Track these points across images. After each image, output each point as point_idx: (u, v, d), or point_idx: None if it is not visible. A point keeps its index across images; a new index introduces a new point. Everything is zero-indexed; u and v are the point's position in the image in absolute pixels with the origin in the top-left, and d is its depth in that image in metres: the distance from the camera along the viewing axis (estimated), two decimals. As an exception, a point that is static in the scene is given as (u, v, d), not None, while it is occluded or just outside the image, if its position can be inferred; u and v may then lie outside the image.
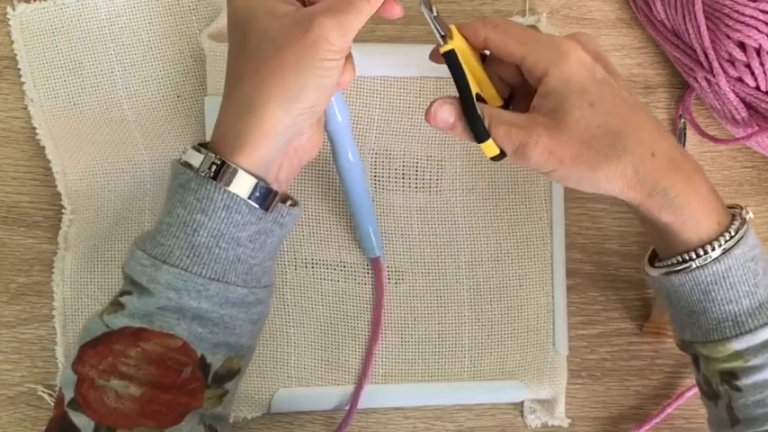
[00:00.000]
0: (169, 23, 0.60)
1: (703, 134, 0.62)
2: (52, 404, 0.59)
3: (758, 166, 0.64)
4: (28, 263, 0.60)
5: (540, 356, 0.60)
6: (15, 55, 0.60)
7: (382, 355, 0.60)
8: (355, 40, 0.45)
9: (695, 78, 0.60)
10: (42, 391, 0.60)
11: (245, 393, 0.58)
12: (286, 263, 0.59)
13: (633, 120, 0.46)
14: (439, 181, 0.61)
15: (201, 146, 0.45)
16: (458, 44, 0.46)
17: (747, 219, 0.47)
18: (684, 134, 0.62)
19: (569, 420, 0.61)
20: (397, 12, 0.45)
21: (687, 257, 0.46)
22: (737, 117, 0.59)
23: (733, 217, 0.47)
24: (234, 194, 0.43)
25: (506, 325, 0.60)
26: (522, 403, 0.62)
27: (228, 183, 0.43)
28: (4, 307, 0.60)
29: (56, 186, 0.60)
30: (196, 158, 0.44)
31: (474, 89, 0.46)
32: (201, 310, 0.43)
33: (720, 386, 0.47)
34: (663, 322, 0.60)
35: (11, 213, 0.61)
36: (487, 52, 0.49)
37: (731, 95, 0.58)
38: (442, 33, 0.46)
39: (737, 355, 0.46)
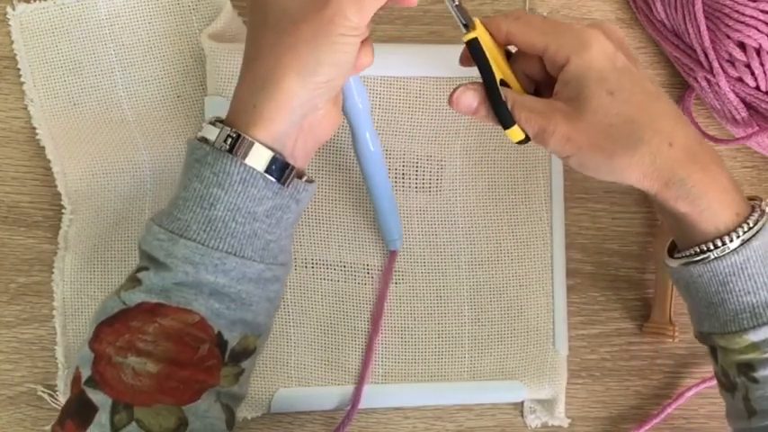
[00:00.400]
0: (169, 23, 0.60)
1: (703, 134, 0.62)
2: (52, 404, 0.59)
3: (758, 166, 0.64)
4: (28, 263, 0.61)
5: (540, 356, 0.60)
6: (15, 55, 0.60)
7: (382, 355, 0.60)
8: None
9: (695, 78, 0.60)
10: (42, 391, 0.60)
11: (245, 393, 0.58)
12: (286, 263, 0.59)
13: (652, 109, 0.46)
14: (439, 181, 0.61)
15: (218, 121, 0.45)
16: (481, 36, 0.47)
17: (767, 210, 0.47)
18: (684, 134, 0.62)
19: (569, 420, 0.61)
20: (412, 1, 0.45)
21: (705, 248, 0.46)
22: (737, 117, 0.59)
23: (752, 208, 0.47)
24: (250, 168, 0.43)
25: (506, 325, 0.60)
26: (522, 403, 0.62)
27: (245, 156, 0.43)
28: (4, 307, 0.60)
29: (56, 186, 0.60)
30: (212, 132, 0.44)
31: (498, 76, 0.47)
32: (218, 284, 0.43)
33: (737, 378, 0.47)
34: (663, 322, 0.60)
35: (11, 213, 0.61)
36: (513, 50, 0.49)
37: (731, 95, 0.58)
38: (464, 22, 0.47)
39: (754, 346, 0.46)
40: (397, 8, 0.62)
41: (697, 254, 0.46)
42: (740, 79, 0.57)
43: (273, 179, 0.44)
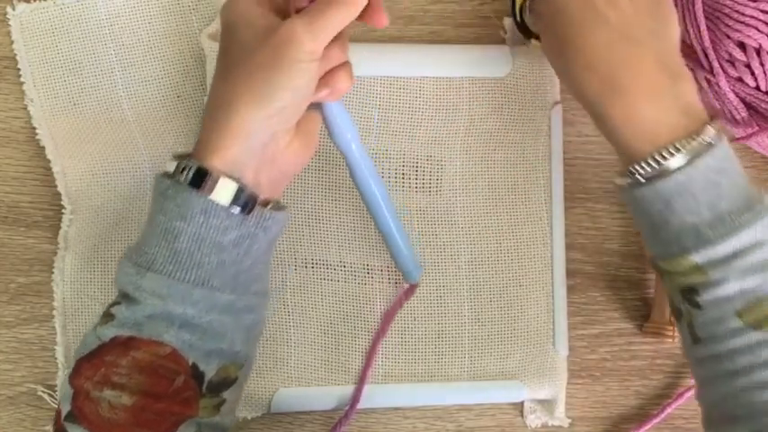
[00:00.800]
0: (169, 23, 0.60)
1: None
2: (52, 404, 0.59)
3: (758, 166, 0.64)
4: (28, 263, 0.60)
5: (540, 356, 0.60)
6: (15, 55, 0.60)
7: (382, 355, 0.60)
8: (355, 40, 0.45)
9: (695, 78, 0.60)
10: (42, 391, 0.60)
11: (245, 393, 0.58)
12: (286, 263, 0.59)
13: (582, 32, 0.45)
14: (439, 181, 0.61)
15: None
16: None
17: (713, 132, 0.44)
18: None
19: (569, 420, 0.61)
20: (383, 22, 0.45)
21: (641, 168, 0.44)
22: (737, 117, 0.59)
23: (698, 130, 0.44)
24: (209, 199, 0.43)
25: (506, 325, 0.60)
26: (522, 403, 0.62)
27: (205, 188, 0.43)
28: (4, 307, 0.60)
29: (56, 186, 0.60)
30: (171, 166, 0.44)
31: None
32: (188, 315, 0.43)
33: (681, 304, 0.46)
34: (663, 322, 0.60)
35: (11, 213, 0.61)
36: None
37: (731, 95, 0.58)
38: None
39: (697, 268, 0.44)
40: (396, 8, 0.62)
41: (635, 173, 0.45)
42: (740, 79, 0.57)
43: (236, 208, 0.43)
